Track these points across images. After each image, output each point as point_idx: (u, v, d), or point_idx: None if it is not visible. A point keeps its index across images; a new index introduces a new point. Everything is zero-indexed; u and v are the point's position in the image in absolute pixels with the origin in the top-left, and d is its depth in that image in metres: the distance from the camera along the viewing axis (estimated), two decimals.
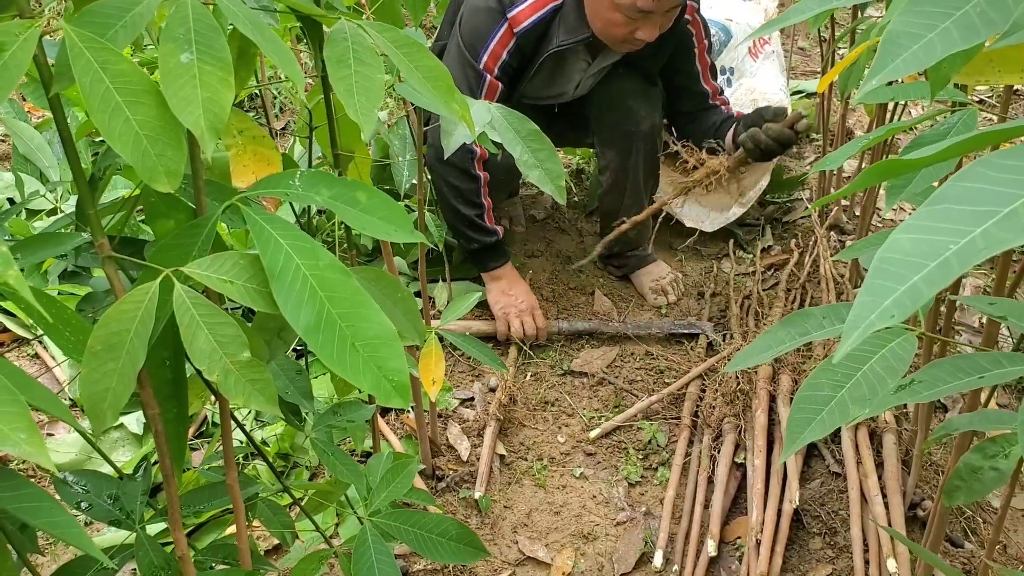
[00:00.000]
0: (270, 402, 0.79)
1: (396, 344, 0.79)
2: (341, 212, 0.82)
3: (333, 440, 1.22)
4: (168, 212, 0.88)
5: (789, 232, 2.72)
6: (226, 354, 0.76)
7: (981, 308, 0.79)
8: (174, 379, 0.87)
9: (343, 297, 0.76)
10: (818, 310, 0.85)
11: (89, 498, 1.02)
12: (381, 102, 0.79)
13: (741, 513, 1.72)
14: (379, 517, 1.19)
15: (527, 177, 1.25)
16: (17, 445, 0.62)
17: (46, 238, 0.87)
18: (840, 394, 0.72)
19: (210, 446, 1.85)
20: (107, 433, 1.90)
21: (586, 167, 3.06)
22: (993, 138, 0.49)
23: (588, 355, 2.20)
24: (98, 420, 0.75)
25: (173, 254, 0.78)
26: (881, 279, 0.42)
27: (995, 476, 0.81)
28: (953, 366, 0.70)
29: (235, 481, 0.93)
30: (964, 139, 0.48)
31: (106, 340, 0.73)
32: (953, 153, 0.49)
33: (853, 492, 1.60)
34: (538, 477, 1.84)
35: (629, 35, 1.96)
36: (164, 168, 0.68)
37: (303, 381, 1.16)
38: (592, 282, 2.49)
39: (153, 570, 0.97)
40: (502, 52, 2.04)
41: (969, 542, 1.61)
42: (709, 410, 1.89)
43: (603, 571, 1.63)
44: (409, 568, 1.60)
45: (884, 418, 1.72)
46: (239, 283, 0.77)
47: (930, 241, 0.42)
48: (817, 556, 1.61)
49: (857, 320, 0.41)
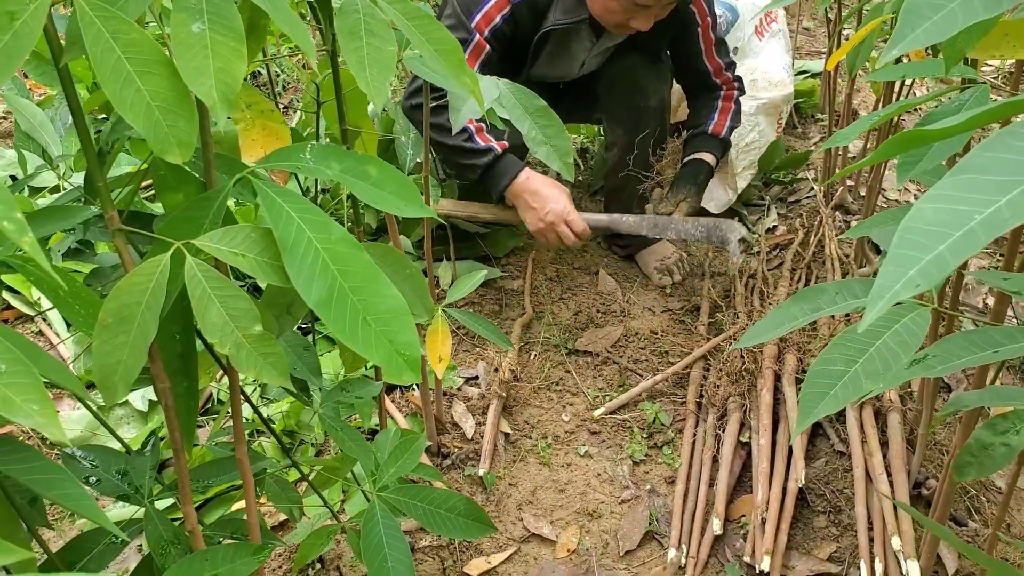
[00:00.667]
0: (282, 375, 0.79)
1: (408, 318, 0.79)
2: (352, 186, 0.82)
3: (340, 417, 1.22)
4: (177, 185, 0.88)
5: (794, 212, 2.72)
6: (238, 327, 0.76)
7: (994, 283, 0.79)
8: (184, 353, 0.87)
9: (355, 271, 0.76)
10: (831, 285, 0.84)
11: (97, 473, 1.02)
12: (393, 74, 0.78)
13: (745, 492, 1.73)
14: (387, 492, 1.19)
15: (535, 153, 1.25)
16: (29, 416, 0.62)
17: (55, 211, 0.87)
18: (853, 369, 0.72)
19: (216, 422, 1.85)
20: (112, 410, 1.90)
21: (590, 146, 3.05)
22: (1017, 108, 0.48)
23: (592, 335, 2.20)
24: (110, 393, 0.75)
25: (184, 227, 0.78)
26: (905, 249, 0.41)
27: (1006, 452, 0.81)
28: (967, 340, 0.70)
29: (245, 455, 0.93)
30: (986, 109, 0.48)
31: (117, 313, 0.73)
32: (975, 124, 0.48)
33: (858, 471, 1.60)
34: (543, 455, 1.84)
35: (624, 22, 1.97)
36: (176, 139, 0.68)
37: (311, 357, 1.16)
38: (596, 262, 2.49)
39: (162, 544, 0.97)
40: (496, 15, 2.02)
41: (973, 521, 1.62)
42: (714, 390, 1.89)
43: (608, 548, 1.64)
44: (415, 544, 1.60)
45: (889, 397, 1.72)
46: (251, 256, 0.76)
47: (955, 211, 0.42)
48: (821, 534, 1.62)
49: (882, 290, 0.41)
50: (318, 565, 1.57)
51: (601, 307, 2.30)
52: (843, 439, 1.76)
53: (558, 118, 1.25)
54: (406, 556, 1.12)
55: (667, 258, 2.42)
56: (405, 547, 1.12)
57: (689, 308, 2.30)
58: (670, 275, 2.40)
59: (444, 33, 0.86)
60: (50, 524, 0.96)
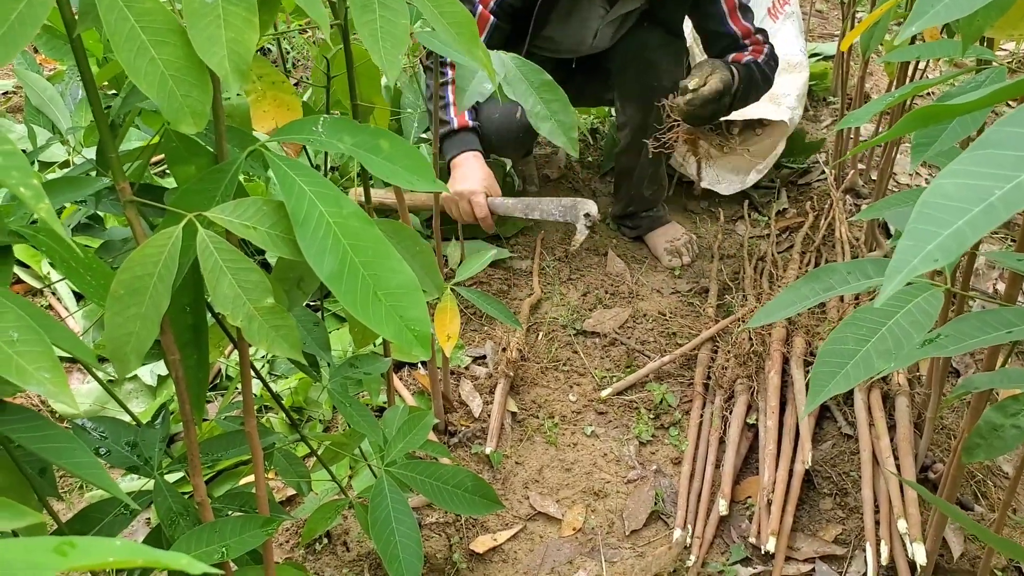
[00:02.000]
0: (294, 348, 0.79)
1: (418, 294, 0.78)
2: (364, 159, 0.82)
3: (348, 392, 1.23)
4: (189, 158, 0.88)
5: (804, 195, 2.70)
6: (249, 300, 0.76)
7: (1009, 264, 0.78)
8: (195, 325, 0.87)
9: (366, 246, 0.76)
10: (843, 265, 0.84)
11: (107, 444, 1.02)
12: (406, 47, 0.78)
13: (752, 473, 1.73)
14: (395, 468, 1.19)
15: (539, 129, 1.23)
16: (41, 384, 0.63)
17: (67, 182, 0.87)
18: (865, 348, 0.72)
19: (226, 397, 1.86)
20: (121, 384, 1.91)
21: (600, 127, 3.04)
22: None
23: (600, 315, 2.20)
24: (122, 364, 0.75)
25: (196, 199, 0.77)
26: (924, 224, 0.41)
27: (1016, 434, 0.81)
28: (980, 321, 0.70)
29: (254, 429, 0.94)
30: (1006, 85, 0.47)
31: (129, 284, 0.73)
32: (994, 99, 0.48)
33: (865, 454, 1.60)
34: (549, 435, 1.84)
35: None
36: (190, 108, 0.68)
37: (321, 332, 1.16)
38: (605, 243, 2.48)
39: (171, 516, 0.98)
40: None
41: (979, 505, 1.62)
42: (721, 371, 1.89)
43: (613, 527, 1.64)
44: (422, 521, 1.61)
45: (897, 381, 1.71)
46: (262, 229, 0.76)
47: (974, 186, 0.41)
48: (827, 516, 1.62)
49: (900, 264, 0.40)
50: (325, 540, 1.58)
51: (609, 288, 2.30)
52: (851, 422, 1.76)
53: (563, 92, 1.23)
54: (414, 531, 1.12)
55: (676, 239, 2.42)
56: (413, 522, 1.13)
57: (698, 290, 2.29)
58: (679, 256, 2.40)
59: (457, 6, 0.85)
60: (60, 495, 0.97)
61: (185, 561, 0.39)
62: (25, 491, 0.85)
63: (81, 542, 0.39)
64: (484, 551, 1.58)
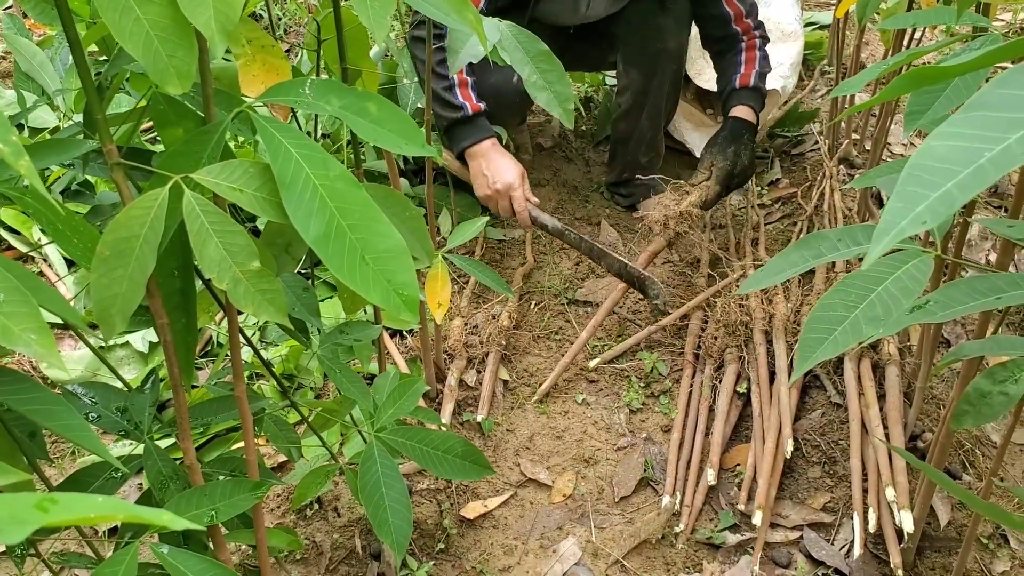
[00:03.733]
0: (280, 312, 0.79)
1: (406, 258, 0.78)
2: (351, 122, 0.81)
3: (339, 359, 1.23)
4: (177, 120, 0.87)
5: (798, 165, 2.70)
6: (236, 263, 0.75)
7: (1000, 231, 0.78)
8: (183, 289, 0.87)
9: (353, 209, 0.75)
10: (832, 232, 0.84)
11: (97, 409, 1.02)
12: (393, 8, 0.77)
13: (741, 441, 1.74)
14: (385, 434, 1.20)
15: (535, 99, 1.23)
16: (28, 345, 0.62)
17: (54, 144, 0.86)
18: (854, 314, 0.72)
19: (216, 363, 1.86)
20: (112, 351, 1.91)
21: (594, 95, 3.02)
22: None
23: (592, 285, 2.20)
24: (108, 326, 0.75)
25: (182, 161, 0.77)
26: (913, 186, 0.41)
27: (1004, 400, 0.81)
28: (969, 287, 0.70)
29: (244, 393, 0.94)
30: (1002, 46, 0.47)
31: (115, 246, 0.72)
32: (990, 60, 0.48)
33: (854, 423, 1.61)
34: (540, 403, 1.85)
35: None
36: (175, 69, 0.67)
37: (310, 298, 1.16)
38: (599, 212, 2.48)
39: (161, 480, 0.98)
40: None
41: (967, 474, 1.63)
42: (711, 341, 1.90)
43: (603, 494, 1.65)
44: (413, 488, 1.62)
45: (888, 350, 1.72)
46: (249, 191, 0.76)
47: (965, 148, 0.41)
48: (816, 485, 1.63)
49: (888, 226, 0.40)
50: (316, 506, 1.59)
51: None
52: (840, 391, 1.77)
53: (560, 63, 1.23)
54: (403, 496, 1.13)
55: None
56: (402, 487, 1.13)
57: (690, 260, 2.29)
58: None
59: None
60: (50, 458, 0.97)
61: (167, 518, 0.39)
62: (14, 454, 0.85)
63: (63, 498, 0.39)
64: (475, 517, 1.59)
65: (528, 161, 2.65)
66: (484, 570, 1.50)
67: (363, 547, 1.52)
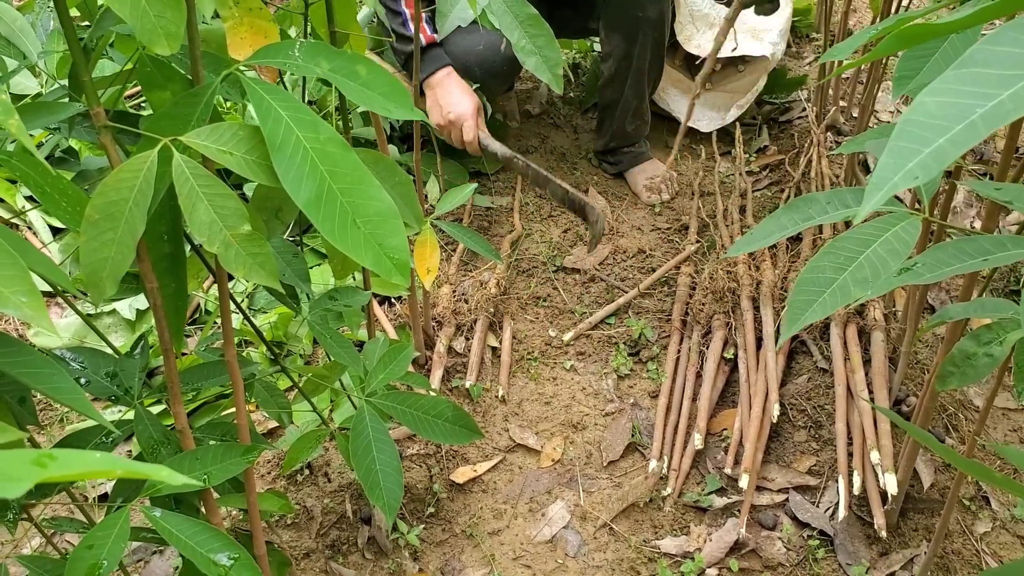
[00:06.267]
0: (271, 276, 0.79)
1: (397, 222, 0.78)
2: (341, 85, 0.80)
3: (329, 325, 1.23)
4: (165, 83, 0.86)
5: (786, 132, 2.69)
6: (226, 226, 0.75)
7: (986, 193, 0.79)
8: (172, 254, 0.86)
9: (344, 172, 0.75)
10: (822, 195, 0.84)
11: (87, 374, 1.02)
12: None
13: (728, 406, 1.75)
14: (376, 398, 1.20)
15: (524, 63, 1.22)
16: (18, 308, 0.62)
17: (39, 106, 0.85)
18: (842, 277, 0.72)
19: (205, 329, 1.85)
20: (100, 318, 1.90)
21: (582, 62, 3.01)
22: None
23: (581, 252, 2.20)
24: (98, 290, 0.75)
25: (171, 123, 0.76)
26: (905, 141, 0.41)
27: (988, 362, 0.82)
28: (956, 249, 0.70)
29: (234, 357, 0.94)
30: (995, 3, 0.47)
31: (104, 209, 0.72)
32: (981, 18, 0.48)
33: (839, 388, 1.63)
34: (529, 369, 1.86)
35: None
36: (163, 29, 0.66)
37: (300, 263, 1.15)
38: (586, 179, 2.47)
39: (152, 444, 0.98)
40: None
41: (950, 438, 1.65)
42: (699, 308, 1.90)
43: (591, 458, 1.67)
44: (403, 453, 1.63)
45: (873, 316, 1.73)
46: (238, 154, 0.75)
47: (957, 104, 0.41)
48: (802, 448, 1.65)
49: (881, 181, 0.40)
50: (307, 471, 1.60)
51: None
52: (826, 356, 1.79)
53: (548, 28, 1.22)
54: (394, 459, 1.13)
55: (656, 176, 2.41)
56: (394, 451, 1.14)
57: (677, 227, 2.29)
58: (659, 193, 2.39)
59: None
60: (40, 423, 0.97)
61: (166, 473, 0.39)
62: (4, 417, 0.85)
63: (61, 454, 0.39)
64: (464, 481, 1.60)
65: (516, 128, 2.64)
66: (474, 533, 1.52)
67: (354, 511, 1.53)
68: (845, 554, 1.46)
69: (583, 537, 1.52)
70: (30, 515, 0.97)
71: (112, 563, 0.82)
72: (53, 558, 0.96)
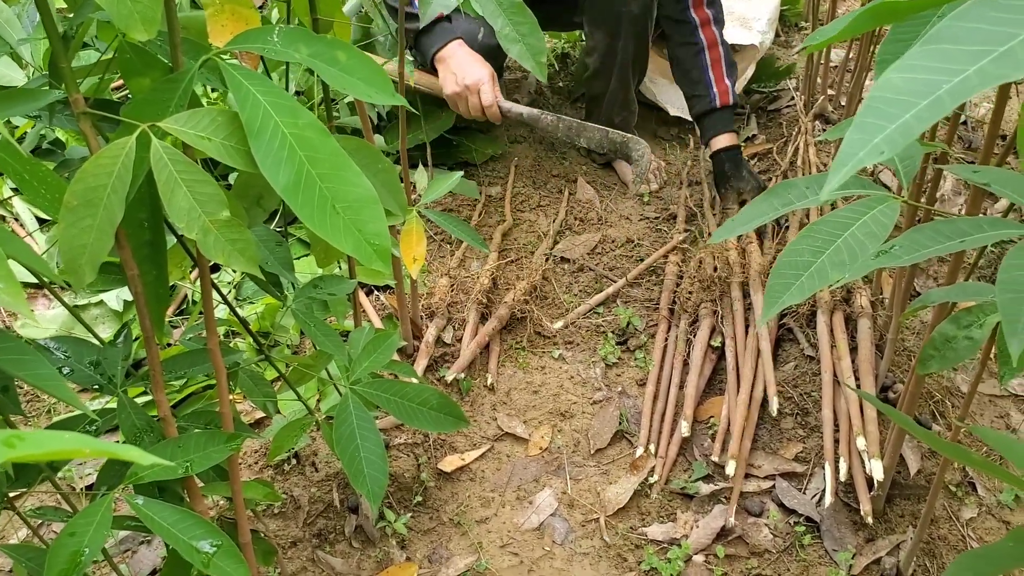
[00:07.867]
0: (251, 262, 0.79)
1: (377, 207, 0.78)
2: (321, 70, 0.80)
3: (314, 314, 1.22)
4: (144, 70, 0.86)
5: (774, 121, 2.70)
6: (205, 212, 0.75)
7: (965, 176, 0.79)
8: (152, 241, 0.86)
9: (323, 158, 0.75)
10: (801, 180, 0.84)
11: (70, 363, 1.02)
12: None
13: (715, 393, 1.76)
14: (361, 386, 1.20)
15: (508, 51, 1.22)
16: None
17: (19, 93, 0.84)
18: (820, 260, 0.72)
19: (190, 320, 1.85)
20: (87, 310, 1.89)
21: (571, 51, 3.00)
22: None
23: (570, 241, 2.20)
24: (77, 276, 0.75)
25: (149, 109, 0.76)
26: (872, 117, 0.41)
27: (968, 345, 0.83)
28: (933, 231, 0.71)
29: (216, 346, 0.94)
30: None
31: (83, 195, 0.72)
32: None
33: (826, 375, 1.63)
34: (518, 358, 1.86)
35: None
36: (140, 15, 0.66)
37: (284, 252, 1.15)
38: (575, 169, 2.47)
39: (135, 432, 0.98)
40: None
41: (937, 424, 1.66)
42: (686, 296, 1.91)
43: (579, 447, 1.67)
44: (390, 442, 1.63)
45: (860, 303, 1.74)
46: (217, 140, 0.75)
47: (924, 80, 0.41)
48: (788, 435, 1.66)
49: (846, 157, 0.41)
50: (294, 460, 1.60)
51: (579, 215, 2.30)
52: (813, 343, 1.79)
53: (532, 15, 1.22)
54: (379, 447, 1.13)
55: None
56: (378, 439, 1.14)
57: (666, 216, 2.30)
58: (647, 183, 2.39)
59: None
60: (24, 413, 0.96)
61: (135, 453, 0.39)
62: None
63: (29, 435, 0.39)
64: (452, 470, 1.60)
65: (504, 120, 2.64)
66: (461, 521, 1.52)
67: (341, 500, 1.54)
68: (831, 540, 1.47)
69: (570, 524, 1.52)
70: (14, 506, 0.97)
71: (94, 550, 0.82)
72: (37, 547, 0.96)
